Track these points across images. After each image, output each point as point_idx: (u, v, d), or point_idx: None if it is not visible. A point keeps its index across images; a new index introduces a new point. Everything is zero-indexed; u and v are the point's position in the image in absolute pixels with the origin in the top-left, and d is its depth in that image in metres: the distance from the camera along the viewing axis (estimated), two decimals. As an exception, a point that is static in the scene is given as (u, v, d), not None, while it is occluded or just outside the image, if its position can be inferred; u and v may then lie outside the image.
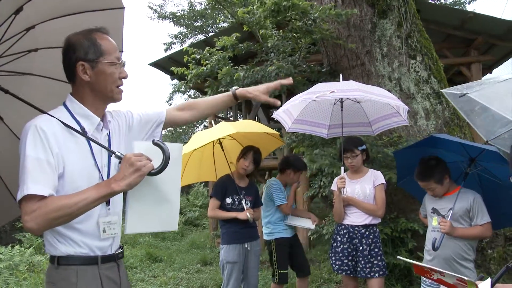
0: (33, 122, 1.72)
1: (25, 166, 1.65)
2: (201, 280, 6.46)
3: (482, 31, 8.22)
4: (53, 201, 1.64)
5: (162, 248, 9.02)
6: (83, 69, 1.81)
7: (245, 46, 6.00)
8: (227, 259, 4.12)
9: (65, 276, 1.79)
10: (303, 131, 4.69)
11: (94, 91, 1.86)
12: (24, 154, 1.67)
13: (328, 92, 3.69)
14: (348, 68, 5.87)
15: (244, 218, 4.07)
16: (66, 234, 1.79)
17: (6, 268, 6.65)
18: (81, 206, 1.65)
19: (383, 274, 3.92)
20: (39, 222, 1.61)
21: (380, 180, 4.02)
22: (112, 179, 1.70)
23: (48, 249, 1.84)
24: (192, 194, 14.48)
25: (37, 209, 1.61)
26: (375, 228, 4.02)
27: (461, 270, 3.22)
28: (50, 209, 1.62)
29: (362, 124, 4.47)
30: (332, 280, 6.12)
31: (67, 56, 1.83)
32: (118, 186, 1.67)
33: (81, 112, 1.85)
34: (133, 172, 1.67)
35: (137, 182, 1.70)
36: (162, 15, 20.91)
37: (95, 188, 1.69)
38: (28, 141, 1.67)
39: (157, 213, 1.89)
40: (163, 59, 9.53)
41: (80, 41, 1.82)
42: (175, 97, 22.98)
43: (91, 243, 1.84)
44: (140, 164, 1.68)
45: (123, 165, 1.69)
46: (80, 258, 1.81)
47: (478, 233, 3.26)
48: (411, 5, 5.87)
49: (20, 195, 1.62)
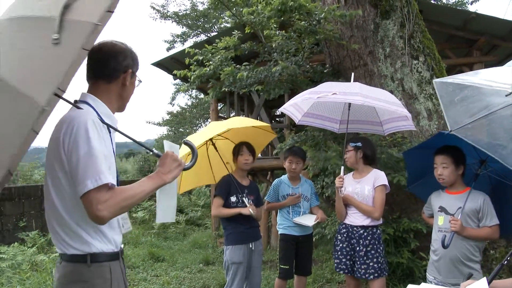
0: (87, 116, 1.80)
1: (94, 156, 1.73)
2: (204, 280, 6.47)
3: (484, 32, 8.21)
4: (121, 191, 1.78)
5: (165, 247, 9.03)
6: (128, 76, 2.03)
7: (247, 46, 6.01)
8: (232, 260, 4.13)
9: (100, 273, 1.88)
10: (314, 124, 4.71)
11: (121, 96, 2.07)
12: (90, 146, 1.74)
13: (330, 93, 3.71)
14: (350, 68, 5.88)
15: (247, 213, 4.08)
16: (101, 227, 1.88)
17: (9, 267, 6.66)
18: (142, 196, 1.85)
19: (379, 276, 3.89)
20: (112, 211, 1.73)
21: (380, 181, 3.98)
22: (160, 172, 1.94)
23: (78, 247, 1.86)
24: (194, 194, 14.50)
25: (110, 198, 1.72)
26: (375, 230, 4.01)
27: (466, 271, 3.20)
28: (121, 198, 1.76)
29: (373, 123, 4.49)
30: (334, 280, 6.13)
31: (117, 60, 2.00)
32: (167, 178, 1.94)
33: (105, 112, 1.96)
34: (177, 167, 1.99)
35: (178, 175, 2.00)
36: (165, 15, 20.91)
37: (149, 179, 1.91)
38: (91, 134, 1.75)
39: (171, 206, 2.20)
40: (165, 59, 9.53)
41: (131, 52, 2.06)
42: (177, 97, 23.07)
43: (116, 238, 1.99)
44: (180, 160, 2.00)
45: (167, 161, 1.97)
46: (111, 254, 1.94)
47: (486, 235, 3.25)
48: (413, 5, 5.87)
49: (96, 184, 1.69)
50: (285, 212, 4.72)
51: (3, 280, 6.17)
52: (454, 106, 2.96)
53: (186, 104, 23.76)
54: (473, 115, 2.75)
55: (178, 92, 22.26)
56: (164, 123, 23.50)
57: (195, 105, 22.90)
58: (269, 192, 4.88)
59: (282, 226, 4.74)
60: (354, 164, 4.10)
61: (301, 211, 4.69)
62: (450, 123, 2.94)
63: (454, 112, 2.94)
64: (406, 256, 5.03)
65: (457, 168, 3.33)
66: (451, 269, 3.30)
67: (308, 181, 4.91)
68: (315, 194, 4.86)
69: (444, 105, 3.01)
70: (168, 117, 23.37)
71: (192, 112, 22.95)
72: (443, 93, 3.05)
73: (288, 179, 4.80)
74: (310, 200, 4.77)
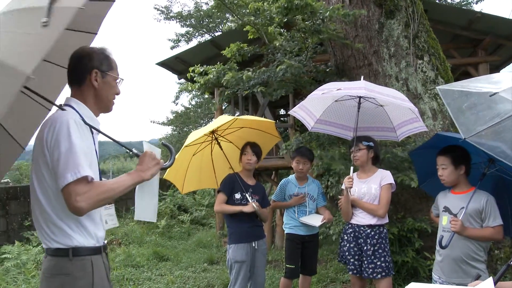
0: (69, 116, 1.91)
1: (74, 151, 1.83)
2: (208, 279, 6.48)
3: (489, 31, 8.19)
4: (100, 185, 1.88)
5: (169, 247, 9.05)
6: (95, 76, 2.09)
7: (250, 49, 6.03)
8: (235, 259, 4.14)
9: (82, 266, 1.95)
10: (327, 131, 4.73)
11: (97, 97, 2.14)
12: (70, 142, 1.85)
13: (334, 89, 3.73)
14: (355, 68, 5.88)
15: (249, 210, 4.07)
16: (82, 222, 1.97)
17: (15, 266, 6.70)
18: (121, 190, 1.93)
19: (386, 275, 3.90)
20: (90, 202, 1.81)
21: (387, 180, 4.00)
22: (139, 170, 2.04)
23: (61, 240, 1.94)
24: (199, 194, 14.52)
25: (88, 190, 1.81)
26: (382, 229, 4.02)
27: (471, 270, 3.19)
28: (100, 191, 1.85)
29: (386, 129, 4.47)
30: (338, 279, 6.13)
31: (82, 62, 2.07)
32: (146, 175, 2.05)
33: (87, 114, 2.09)
34: (155, 165, 2.09)
35: (156, 173, 2.10)
36: (168, 16, 20.93)
37: (128, 176, 2.01)
38: (72, 130, 1.87)
39: (152, 205, 2.27)
40: (170, 58, 9.55)
41: (97, 53, 2.12)
42: (181, 96, 23.10)
43: (98, 233, 2.06)
44: (158, 159, 2.11)
45: (146, 159, 2.07)
46: (93, 248, 2.01)
47: (488, 235, 3.22)
48: (418, 5, 5.86)
49: (75, 177, 1.79)
50: (291, 211, 4.74)
51: (9, 279, 6.21)
52: (463, 113, 2.95)
53: (190, 103, 23.78)
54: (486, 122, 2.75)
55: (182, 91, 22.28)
56: (169, 122, 23.55)
57: (200, 105, 22.93)
58: (276, 191, 4.91)
59: (288, 225, 4.76)
60: (364, 163, 4.10)
61: (307, 210, 4.70)
62: (462, 130, 2.94)
63: (465, 119, 2.94)
64: (411, 255, 5.03)
65: (457, 169, 3.32)
66: (455, 269, 3.29)
67: (315, 181, 4.92)
68: (322, 194, 4.87)
69: (452, 112, 3.01)
70: (172, 117, 23.42)
71: (197, 112, 22.99)
72: (449, 100, 3.05)
73: (295, 179, 4.82)
74: (316, 200, 4.78)
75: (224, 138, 4.61)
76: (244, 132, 4.58)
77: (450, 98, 3.06)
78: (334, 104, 4.40)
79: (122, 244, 9.04)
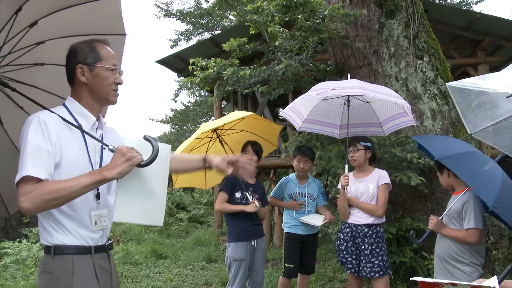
0: (36, 115, 1.89)
1: (25, 151, 1.80)
2: (206, 277, 6.49)
3: (489, 32, 8.20)
4: (48, 184, 1.78)
5: (167, 245, 9.07)
6: (82, 71, 2.00)
7: (251, 46, 6.03)
8: (234, 257, 4.15)
9: (62, 265, 1.90)
10: (314, 130, 4.72)
11: (91, 92, 2.04)
12: (25, 141, 1.82)
13: (329, 89, 3.74)
14: (355, 67, 5.88)
15: (252, 210, 4.09)
16: (62, 221, 1.92)
17: (14, 262, 6.71)
18: (75, 190, 1.79)
19: (384, 274, 3.92)
20: (35, 202, 1.74)
21: (384, 180, 4.02)
22: (104, 168, 1.85)
23: (45, 238, 1.94)
24: (197, 192, 14.52)
25: (33, 190, 1.75)
26: (379, 228, 4.03)
27: (453, 271, 3.22)
28: (46, 191, 1.75)
29: (373, 125, 4.49)
30: (336, 278, 6.15)
31: (69, 60, 2.03)
32: (109, 174, 1.82)
33: (78, 111, 2.02)
34: (124, 162, 1.84)
35: (127, 171, 1.86)
36: (169, 13, 20.90)
37: (88, 174, 1.84)
38: (31, 130, 1.83)
39: (144, 207, 2.10)
40: (169, 56, 9.55)
41: (82, 47, 2.03)
42: (180, 94, 23.10)
43: (84, 233, 1.97)
44: (130, 155, 1.85)
45: (115, 156, 1.86)
46: (76, 247, 1.94)
47: (461, 237, 3.23)
48: (418, 5, 5.87)
49: (19, 177, 1.75)
50: (291, 211, 4.73)
51: (8, 276, 6.22)
52: (472, 111, 2.98)
53: (189, 101, 23.78)
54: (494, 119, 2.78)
55: (181, 89, 22.28)
56: (167, 120, 23.55)
57: (199, 103, 22.93)
58: (275, 189, 4.91)
59: (288, 225, 4.75)
60: (362, 163, 4.11)
61: (306, 210, 4.71)
62: (469, 127, 2.97)
63: (473, 117, 2.97)
64: (409, 255, 5.04)
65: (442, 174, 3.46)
66: (441, 268, 3.35)
67: (316, 181, 4.92)
68: (322, 194, 4.86)
69: (461, 110, 3.04)
70: (171, 115, 23.43)
71: (196, 110, 22.98)
72: (459, 98, 3.08)
73: (296, 177, 4.81)
74: (316, 200, 4.78)
75: (223, 138, 4.62)
76: (243, 135, 4.59)
77: (460, 96, 3.09)
78: (321, 103, 4.40)
79: (120, 241, 9.06)
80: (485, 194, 2.97)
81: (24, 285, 5.76)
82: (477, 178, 3.06)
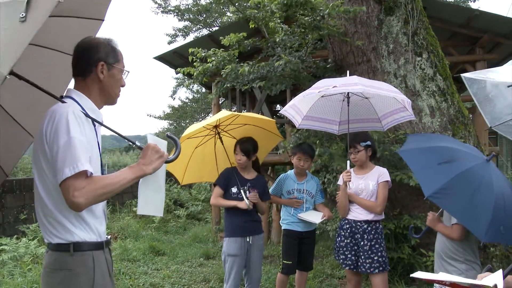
0: (68, 108, 1.87)
1: (73, 146, 1.79)
2: (204, 274, 6.49)
3: (487, 29, 8.20)
4: (99, 179, 1.83)
5: (165, 241, 9.05)
6: (102, 69, 2.04)
7: (250, 42, 6.00)
8: (228, 252, 4.15)
9: (83, 261, 1.92)
10: (314, 127, 4.73)
11: (101, 89, 2.09)
12: (68, 135, 1.80)
13: (330, 86, 3.74)
14: (354, 64, 5.88)
15: (243, 207, 4.07)
16: (84, 217, 1.93)
17: (11, 259, 6.69)
18: (122, 184, 1.88)
19: (383, 270, 3.95)
20: (88, 197, 1.77)
21: (384, 177, 4.05)
22: (141, 163, 1.98)
23: (62, 236, 1.91)
24: (195, 189, 14.50)
25: (87, 185, 1.77)
26: (378, 224, 4.06)
27: (448, 268, 3.25)
28: (98, 186, 1.81)
29: (372, 120, 4.50)
30: (334, 275, 6.16)
31: (88, 54, 2.02)
32: (148, 169, 1.97)
33: (89, 106, 2.04)
34: (158, 158, 2.01)
35: (159, 167, 2.02)
36: (166, 9, 20.83)
37: (129, 170, 1.96)
38: (71, 124, 1.82)
39: (155, 199, 2.22)
40: (167, 53, 9.51)
41: (104, 44, 2.07)
42: (178, 90, 23.06)
43: (101, 229, 2.04)
44: (162, 152, 2.03)
45: (149, 152, 2.00)
46: (95, 243, 1.98)
47: (446, 232, 3.33)
48: (418, 2, 5.86)
49: (73, 171, 1.75)
50: (289, 207, 4.72)
51: (5, 272, 6.20)
52: (489, 102, 2.98)
53: (187, 98, 23.75)
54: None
55: (180, 86, 22.25)
56: (165, 116, 23.53)
57: (196, 100, 22.91)
58: (273, 186, 4.90)
59: (286, 221, 4.74)
60: (363, 163, 4.14)
61: (305, 207, 4.70)
62: (488, 119, 2.96)
63: (491, 108, 2.96)
64: (407, 252, 5.06)
65: None
66: (438, 264, 3.40)
67: (314, 178, 4.91)
68: (320, 191, 4.85)
69: (478, 102, 3.03)
70: (169, 111, 23.39)
71: (193, 107, 22.96)
72: (475, 89, 3.07)
73: (295, 174, 4.80)
74: (315, 197, 4.77)
75: (228, 133, 4.59)
76: (247, 129, 4.53)
77: (476, 87, 3.08)
78: (320, 99, 4.42)
79: (118, 238, 9.04)
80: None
81: (22, 282, 5.73)
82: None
